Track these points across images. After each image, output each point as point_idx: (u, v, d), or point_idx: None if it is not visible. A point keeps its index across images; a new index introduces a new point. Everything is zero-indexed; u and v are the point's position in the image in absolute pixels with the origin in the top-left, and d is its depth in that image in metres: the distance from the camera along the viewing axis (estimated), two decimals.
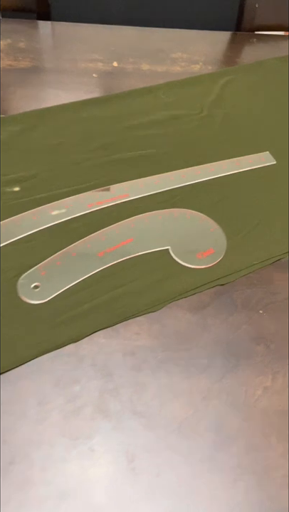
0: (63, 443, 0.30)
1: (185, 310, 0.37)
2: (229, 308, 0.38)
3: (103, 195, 0.45)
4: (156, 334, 0.36)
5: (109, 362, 0.34)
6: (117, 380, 0.33)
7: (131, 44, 0.65)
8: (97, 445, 0.30)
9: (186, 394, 0.33)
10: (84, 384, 0.32)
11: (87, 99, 0.54)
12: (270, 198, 0.47)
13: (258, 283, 0.40)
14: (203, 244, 0.42)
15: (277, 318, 0.37)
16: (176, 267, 0.40)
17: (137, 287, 0.38)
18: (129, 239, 0.42)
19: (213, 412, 0.32)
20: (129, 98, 0.56)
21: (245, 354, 0.35)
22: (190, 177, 0.48)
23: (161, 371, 0.34)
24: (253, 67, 0.64)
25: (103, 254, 0.40)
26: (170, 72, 0.62)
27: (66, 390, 0.32)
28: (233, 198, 0.46)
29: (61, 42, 0.65)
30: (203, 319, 0.37)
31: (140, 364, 0.34)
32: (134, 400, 0.32)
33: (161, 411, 0.32)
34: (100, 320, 0.36)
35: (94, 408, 0.31)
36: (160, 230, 0.43)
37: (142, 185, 0.46)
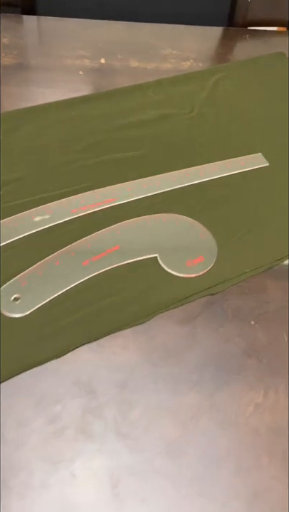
0: (43, 468, 0.28)
1: (174, 322, 0.36)
2: (220, 319, 0.36)
3: (89, 200, 0.43)
4: (143, 348, 0.34)
5: (93, 379, 0.32)
6: (101, 398, 0.31)
7: (119, 40, 0.63)
8: (79, 469, 0.28)
9: (175, 412, 0.31)
10: (66, 403, 0.31)
11: (73, 97, 0.52)
12: (263, 201, 0.45)
13: (249, 292, 0.38)
14: (193, 251, 0.40)
15: (269, 330, 0.36)
16: (165, 275, 0.38)
17: (124, 298, 0.36)
18: (116, 246, 0.40)
19: (202, 431, 0.31)
20: (117, 96, 0.53)
21: (236, 368, 0.34)
22: (179, 180, 0.46)
23: (148, 388, 0.32)
24: (245, 64, 0.61)
25: (88, 263, 0.38)
26: (160, 69, 0.59)
27: (47, 410, 0.30)
28: (223, 202, 0.45)
29: (47, 37, 0.63)
30: (193, 331, 0.35)
31: (126, 381, 0.32)
32: (118, 420, 0.30)
33: (148, 432, 0.30)
34: (84, 334, 0.34)
35: (76, 429, 0.30)
36: (148, 236, 0.41)
37: (130, 189, 0.44)
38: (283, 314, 0.37)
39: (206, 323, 0.36)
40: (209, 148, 0.49)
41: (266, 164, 0.48)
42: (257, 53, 0.64)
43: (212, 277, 0.39)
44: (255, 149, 0.50)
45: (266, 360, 0.34)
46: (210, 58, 0.63)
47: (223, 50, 0.66)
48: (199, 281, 0.38)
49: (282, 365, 0.34)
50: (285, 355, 0.35)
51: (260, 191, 0.46)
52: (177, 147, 0.49)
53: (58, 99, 0.52)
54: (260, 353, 0.35)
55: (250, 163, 0.48)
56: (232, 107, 0.55)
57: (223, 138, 0.51)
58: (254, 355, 0.34)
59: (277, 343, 0.35)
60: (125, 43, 0.62)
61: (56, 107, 0.51)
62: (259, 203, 0.45)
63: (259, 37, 0.69)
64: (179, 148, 0.49)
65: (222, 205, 0.44)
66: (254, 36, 0.69)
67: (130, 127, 0.50)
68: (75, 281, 0.37)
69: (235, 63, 0.62)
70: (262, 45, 0.67)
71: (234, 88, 0.57)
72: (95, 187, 0.44)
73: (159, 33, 0.65)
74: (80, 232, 0.40)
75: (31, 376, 0.32)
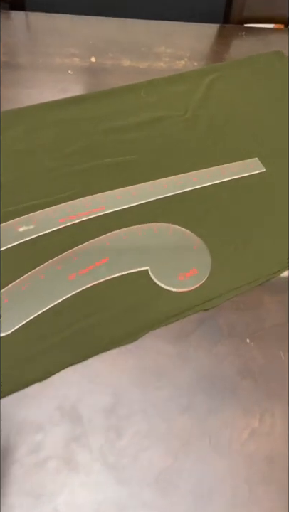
0: (24, 503, 0.26)
1: (164, 340, 0.34)
2: (213, 337, 0.34)
3: (77, 209, 0.41)
4: (132, 369, 0.32)
5: (77, 403, 0.30)
6: (87, 424, 0.29)
7: (111, 37, 0.60)
8: (62, 504, 0.27)
9: (165, 440, 0.29)
10: (48, 431, 0.29)
11: (61, 98, 0.49)
12: (259, 209, 0.43)
13: (245, 307, 0.36)
14: (186, 263, 0.38)
15: (265, 348, 0.34)
16: (156, 290, 0.36)
17: (112, 315, 0.34)
18: (104, 258, 0.38)
19: (194, 460, 0.29)
20: (107, 98, 0.51)
21: (231, 391, 0.32)
22: (171, 187, 0.44)
23: (137, 414, 0.30)
24: (242, 63, 0.59)
25: (75, 277, 0.36)
26: (153, 68, 0.57)
27: (28, 439, 0.28)
28: (217, 210, 0.42)
29: (35, 35, 0.60)
30: (185, 351, 0.33)
31: (113, 405, 0.30)
32: (105, 449, 0.28)
33: (137, 461, 0.28)
34: (69, 355, 0.32)
35: (59, 460, 0.28)
36: (139, 248, 0.39)
37: (120, 197, 0.42)
38: (280, 331, 0.35)
39: (199, 341, 0.34)
40: (203, 153, 0.47)
41: (263, 170, 0.46)
42: (254, 52, 0.62)
43: (205, 292, 0.37)
44: (252, 154, 0.48)
45: (262, 381, 0.32)
46: (205, 57, 0.61)
47: (218, 49, 0.63)
48: (192, 296, 0.36)
49: (279, 386, 0.32)
50: (281, 376, 0.33)
51: (257, 198, 0.44)
52: (170, 152, 0.47)
53: (45, 101, 0.49)
54: (256, 374, 0.33)
55: (246, 168, 0.46)
56: (228, 109, 0.52)
57: (218, 142, 0.49)
58: (249, 376, 0.33)
59: (274, 362, 0.33)
60: (117, 41, 0.60)
61: (43, 109, 0.49)
62: (255, 211, 0.43)
63: (256, 34, 0.67)
64: (171, 153, 0.47)
65: (216, 213, 0.42)
66: (251, 34, 0.67)
67: (121, 130, 0.48)
68: (60, 297, 0.35)
69: (231, 62, 0.59)
70: (259, 43, 0.65)
71: (230, 89, 0.55)
72: (84, 194, 0.42)
73: (152, 31, 0.63)
74: (67, 243, 0.38)
75: (11, 402, 0.30)
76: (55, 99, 0.49)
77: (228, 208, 0.43)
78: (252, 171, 0.46)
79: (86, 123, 0.48)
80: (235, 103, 0.53)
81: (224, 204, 0.43)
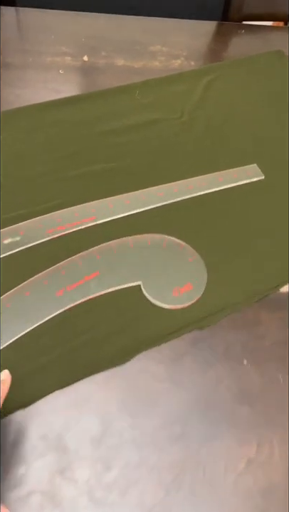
0: None
1: (157, 362, 0.32)
2: (209, 358, 0.32)
3: (66, 219, 0.39)
4: (122, 394, 0.30)
5: (63, 432, 0.28)
6: (73, 456, 0.28)
7: (104, 35, 0.58)
8: None
9: (156, 473, 0.27)
10: (32, 463, 0.27)
11: (51, 100, 0.47)
12: (258, 220, 0.41)
13: (242, 325, 0.35)
14: (181, 277, 0.36)
15: (263, 370, 0.32)
16: (148, 307, 0.34)
17: (102, 335, 0.32)
18: (94, 273, 0.36)
19: (186, 494, 0.27)
20: (100, 99, 0.49)
21: (226, 417, 0.30)
22: (166, 196, 0.42)
23: (127, 444, 0.28)
24: (241, 63, 0.57)
25: (62, 293, 0.34)
26: (147, 68, 0.55)
27: (10, 473, 0.27)
28: (214, 220, 0.40)
29: (25, 31, 0.58)
30: (178, 374, 0.31)
31: (101, 434, 0.28)
32: (92, 483, 0.27)
33: (126, 496, 0.27)
34: (56, 378, 0.30)
35: (43, 495, 0.26)
36: (131, 261, 0.37)
37: (112, 206, 0.40)
38: (279, 351, 0.33)
39: (193, 363, 0.32)
40: (200, 159, 0.45)
41: (261, 177, 0.44)
42: (253, 51, 0.59)
43: (201, 309, 0.35)
44: (250, 159, 0.46)
45: (260, 406, 0.31)
46: (202, 56, 0.59)
47: (216, 47, 0.61)
48: (187, 314, 0.34)
49: (277, 412, 0.31)
50: (280, 401, 0.31)
51: (255, 208, 0.42)
52: (165, 157, 0.45)
53: (34, 102, 0.47)
54: (253, 399, 0.31)
55: (244, 175, 0.44)
56: (226, 112, 0.50)
57: (216, 146, 0.47)
58: (246, 401, 0.31)
59: (272, 386, 0.32)
60: (110, 39, 0.57)
61: (32, 111, 0.46)
62: (254, 221, 0.41)
63: (256, 32, 0.65)
64: (166, 158, 0.45)
65: (213, 224, 0.40)
66: (250, 32, 0.64)
67: (114, 134, 0.46)
68: (47, 316, 0.33)
69: (230, 62, 0.57)
70: (258, 41, 0.62)
71: (228, 90, 0.53)
72: (74, 203, 0.40)
73: (147, 28, 0.61)
74: (55, 256, 0.36)
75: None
76: (44, 101, 0.47)
77: (224, 218, 0.41)
78: (250, 178, 0.44)
79: (76, 126, 0.46)
80: (233, 105, 0.51)
81: (221, 214, 0.41)
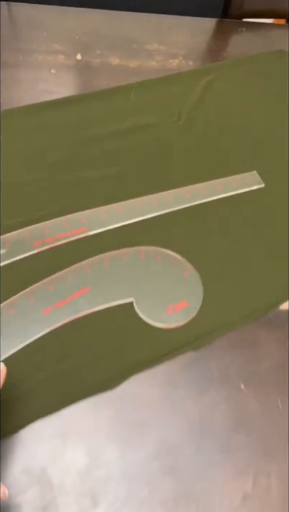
0: None
1: (149, 386, 0.30)
2: (203, 382, 0.31)
3: (55, 230, 0.37)
4: (111, 422, 0.28)
5: (48, 465, 0.26)
6: (57, 490, 0.26)
7: (99, 31, 0.55)
8: None
9: (146, 508, 0.26)
10: (14, 498, 0.25)
11: (41, 102, 0.45)
12: (257, 231, 0.39)
13: (239, 345, 0.33)
14: (175, 294, 0.35)
15: (261, 395, 0.31)
16: (141, 326, 0.32)
17: (90, 357, 0.31)
18: (84, 288, 0.34)
19: None
20: (93, 101, 0.47)
21: (222, 447, 0.28)
22: (162, 205, 0.40)
23: (116, 476, 0.27)
24: (241, 63, 0.55)
25: (50, 312, 0.32)
26: (144, 67, 0.52)
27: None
28: (211, 232, 0.38)
29: (17, 28, 0.55)
30: (171, 399, 0.30)
31: (88, 466, 0.27)
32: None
33: None
34: (40, 405, 0.28)
35: None
36: (123, 276, 0.35)
37: (104, 216, 0.38)
38: (278, 374, 0.32)
39: (187, 387, 0.30)
40: (198, 165, 0.43)
41: (261, 185, 0.42)
42: (254, 50, 0.57)
43: (196, 328, 0.33)
44: (250, 166, 0.44)
45: (257, 435, 0.29)
46: (201, 55, 0.56)
47: (216, 46, 0.58)
48: (181, 333, 0.33)
49: (276, 441, 0.29)
50: (278, 429, 0.29)
51: (254, 219, 0.40)
52: (161, 163, 0.43)
53: (24, 104, 0.45)
54: (250, 427, 0.29)
55: (244, 183, 0.42)
56: (225, 115, 0.48)
57: (214, 152, 0.44)
58: (243, 429, 0.29)
59: (270, 412, 0.30)
60: (105, 36, 0.55)
61: (21, 113, 0.44)
62: (253, 233, 0.39)
63: (257, 30, 0.62)
64: (162, 164, 0.43)
65: (209, 235, 0.38)
66: (251, 29, 0.62)
67: (107, 138, 0.43)
68: (32, 336, 0.31)
69: (230, 62, 0.55)
70: (259, 40, 0.60)
71: (228, 92, 0.51)
72: (63, 212, 0.38)
73: (144, 25, 0.58)
74: (42, 270, 0.34)
75: None
76: (34, 103, 0.45)
77: (222, 230, 0.39)
78: (250, 186, 0.42)
79: (68, 130, 0.43)
80: (233, 108, 0.49)
81: (218, 225, 0.39)
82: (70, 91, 0.48)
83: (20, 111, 0.44)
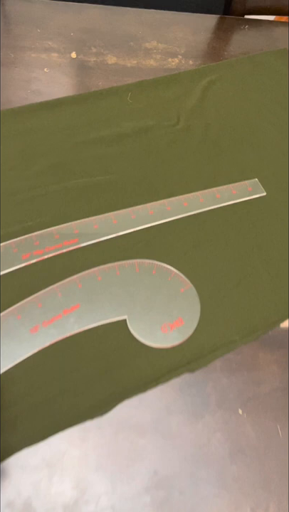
0: None
1: (141, 412, 0.28)
2: (200, 407, 0.29)
3: (45, 241, 0.35)
4: (100, 452, 0.27)
5: (32, 498, 0.25)
6: None
7: (95, 28, 0.53)
8: None
9: None
10: None
11: (31, 104, 0.43)
12: (258, 243, 0.37)
13: (237, 367, 0.31)
14: (171, 311, 0.33)
15: (260, 422, 0.29)
16: (134, 346, 0.31)
17: (80, 380, 0.29)
18: (75, 305, 0.32)
19: None
20: (87, 103, 0.44)
21: (218, 478, 0.27)
22: (158, 214, 0.38)
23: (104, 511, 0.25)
24: (243, 63, 0.52)
25: (38, 330, 0.30)
26: (142, 67, 0.50)
27: None
28: (209, 244, 0.37)
29: (9, 24, 0.53)
30: (166, 426, 0.28)
31: (75, 500, 0.25)
32: None
33: None
34: (26, 433, 0.27)
35: None
36: (116, 291, 0.33)
37: (97, 226, 0.36)
38: (278, 399, 0.30)
39: (182, 412, 0.29)
40: (196, 172, 0.41)
41: (263, 194, 0.41)
42: (257, 48, 0.55)
43: (192, 348, 0.31)
44: (251, 173, 0.42)
45: (255, 464, 0.27)
46: (202, 54, 0.54)
47: (217, 44, 0.56)
48: (177, 354, 0.31)
49: (275, 471, 0.27)
50: (278, 458, 0.28)
51: (256, 230, 0.38)
52: (157, 170, 0.41)
53: (13, 106, 0.43)
54: (248, 455, 0.28)
55: (245, 191, 0.40)
56: (225, 118, 0.46)
57: (214, 158, 0.42)
58: (240, 458, 0.28)
59: (270, 439, 0.28)
60: (102, 33, 0.53)
61: (11, 116, 0.42)
62: (253, 245, 0.37)
63: (259, 28, 0.60)
64: (159, 171, 0.41)
65: (208, 248, 0.36)
66: (254, 27, 0.60)
67: (100, 144, 0.41)
68: (18, 358, 0.29)
69: (231, 62, 0.52)
70: (262, 38, 0.58)
71: (229, 94, 0.49)
72: (54, 223, 0.36)
73: (143, 21, 0.56)
74: (31, 285, 0.32)
75: None
76: (24, 104, 0.43)
77: (221, 242, 0.37)
78: (251, 194, 0.40)
79: (60, 134, 0.41)
80: (234, 111, 0.47)
81: (217, 237, 0.37)
82: (63, 92, 0.46)
83: (7, 113, 0.42)
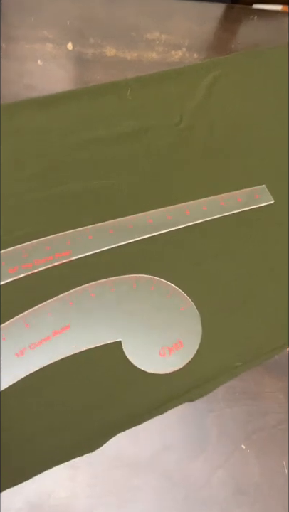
0: None
1: (135, 446, 0.26)
2: (199, 441, 0.27)
3: (34, 253, 0.32)
4: (90, 490, 0.24)
5: None
6: None
7: (93, 17, 0.49)
8: None
9: None
10: None
11: (22, 100, 0.39)
12: (265, 258, 0.35)
13: (241, 396, 0.29)
14: (170, 333, 0.30)
15: (265, 457, 0.27)
16: (130, 373, 0.28)
17: (68, 411, 0.26)
18: (65, 326, 0.29)
19: None
20: (83, 99, 0.41)
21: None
22: (158, 224, 0.35)
23: None
24: (251, 57, 0.49)
25: (24, 354, 0.28)
26: (142, 60, 0.47)
27: None
28: (212, 257, 0.34)
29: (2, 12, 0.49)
30: (161, 463, 0.26)
31: None
32: None
33: None
34: (7, 473, 0.24)
35: None
36: (111, 310, 0.30)
37: (91, 237, 0.34)
38: (284, 432, 0.28)
39: (181, 447, 0.26)
40: (199, 177, 0.38)
41: (271, 202, 0.38)
42: (267, 41, 0.51)
43: (193, 374, 0.29)
44: (259, 179, 0.39)
45: (260, 505, 0.25)
46: (207, 46, 0.50)
47: (224, 36, 0.52)
48: (175, 381, 0.28)
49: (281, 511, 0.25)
50: (284, 497, 0.26)
51: (262, 242, 0.35)
52: (157, 175, 0.37)
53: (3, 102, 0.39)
54: (252, 495, 0.25)
55: (251, 199, 0.37)
56: (232, 118, 0.43)
57: (219, 162, 0.39)
58: (244, 498, 0.25)
59: (275, 477, 0.26)
60: (101, 22, 0.49)
61: None
62: (260, 259, 0.34)
63: (270, 19, 0.56)
64: (159, 176, 0.37)
65: (210, 261, 0.34)
66: (263, 18, 0.56)
67: (96, 145, 0.38)
68: (2, 384, 0.27)
69: (239, 55, 0.49)
70: (273, 30, 0.54)
71: (236, 91, 0.45)
72: (44, 233, 0.33)
73: (144, 10, 0.52)
74: (17, 304, 0.30)
75: None
76: (15, 101, 0.39)
77: (225, 255, 0.34)
78: (258, 202, 0.37)
79: (52, 134, 0.38)
80: (242, 110, 0.44)
81: (221, 249, 0.34)
82: (58, 87, 0.43)
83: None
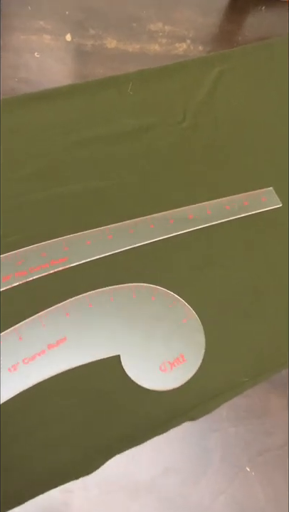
0: None
1: (134, 469, 0.25)
2: (202, 463, 0.25)
3: (29, 260, 0.30)
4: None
5: None
6: None
7: (93, 6, 0.47)
8: None
9: None
10: None
11: (19, 95, 0.37)
12: (272, 265, 0.33)
13: (245, 415, 0.27)
14: (172, 346, 0.29)
15: (270, 481, 0.25)
16: (129, 389, 0.27)
17: (64, 430, 0.25)
18: (61, 338, 0.28)
19: None
20: (82, 95, 0.39)
21: None
22: (160, 229, 0.33)
23: None
24: (259, 50, 0.46)
25: (17, 369, 0.26)
26: (145, 52, 0.44)
27: None
28: (216, 264, 0.32)
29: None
30: (162, 486, 0.24)
31: None
32: None
33: None
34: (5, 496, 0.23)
35: None
36: (109, 321, 0.29)
37: (89, 242, 0.32)
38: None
39: (182, 471, 0.25)
40: (203, 179, 0.36)
41: (278, 205, 0.36)
42: (276, 33, 0.49)
43: (195, 391, 0.27)
44: (266, 181, 0.37)
45: None
46: (213, 39, 0.48)
47: (230, 28, 0.50)
48: (177, 398, 0.27)
49: None
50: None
51: (269, 248, 0.34)
52: (159, 177, 0.36)
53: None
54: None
55: (258, 202, 0.36)
56: (238, 116, 0.41)
57: (224, 162, 0.37)
58: None
59: (282, 502, 0.25)
60: (101, 12, 0.47)
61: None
62: (268, 267, 0.33)
63: (279, 10, 0.53)
64: (161, 178, 0.36)
65: (214, 269, 0.32)
66: (271, 8, 0.53)
67: (95, 144, 0.36)
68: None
69: (246, 49, 0.46)
70: (282, 21, 0.51)
71: (243, 87, 0.43)
72: (40, 238, 0.31)
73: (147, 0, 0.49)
74: (10, 315, 0.28)
75: None
76: (9, 97, 0.37)
77: (230, 262, 0.32)
78: (265, 206, 0.36)
79: (49, 132, 0.36)
80: (248, 107, 0.41)
81: (225, 256, 0.33)
82: (56, 81, 0.40)
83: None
